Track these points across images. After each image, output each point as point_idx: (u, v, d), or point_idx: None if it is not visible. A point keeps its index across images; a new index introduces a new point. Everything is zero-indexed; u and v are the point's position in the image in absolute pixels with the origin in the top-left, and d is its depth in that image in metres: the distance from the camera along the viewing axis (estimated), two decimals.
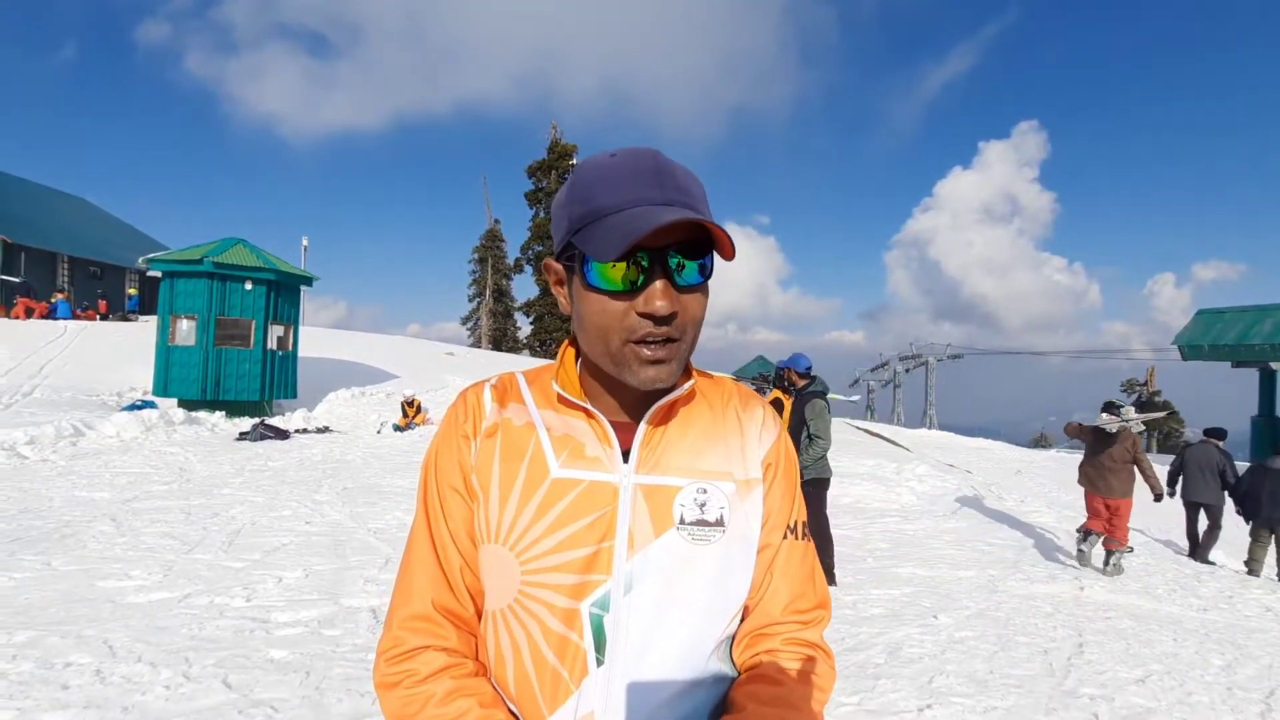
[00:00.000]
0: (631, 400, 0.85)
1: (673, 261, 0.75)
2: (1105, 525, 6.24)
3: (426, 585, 0.84)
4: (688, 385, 0.86)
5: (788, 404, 5.55)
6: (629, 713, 0.77)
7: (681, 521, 0.81)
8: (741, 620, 0.87)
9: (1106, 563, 6.12)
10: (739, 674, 0.86)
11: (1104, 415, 6.31)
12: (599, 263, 0.74)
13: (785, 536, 0.88)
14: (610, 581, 0.79)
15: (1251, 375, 22.77)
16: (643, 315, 0.75)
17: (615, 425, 0.84)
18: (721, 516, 0.83)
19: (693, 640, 0.80)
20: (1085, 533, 6.39)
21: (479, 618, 0.86)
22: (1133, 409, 6.44)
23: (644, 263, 0.74)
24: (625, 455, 0.82)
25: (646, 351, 0.76)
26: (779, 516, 0.88)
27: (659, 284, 0.74)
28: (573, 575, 0.79)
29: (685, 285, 0.76)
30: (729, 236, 0.74)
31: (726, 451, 0.86)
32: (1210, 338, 22.35)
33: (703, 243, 0.77)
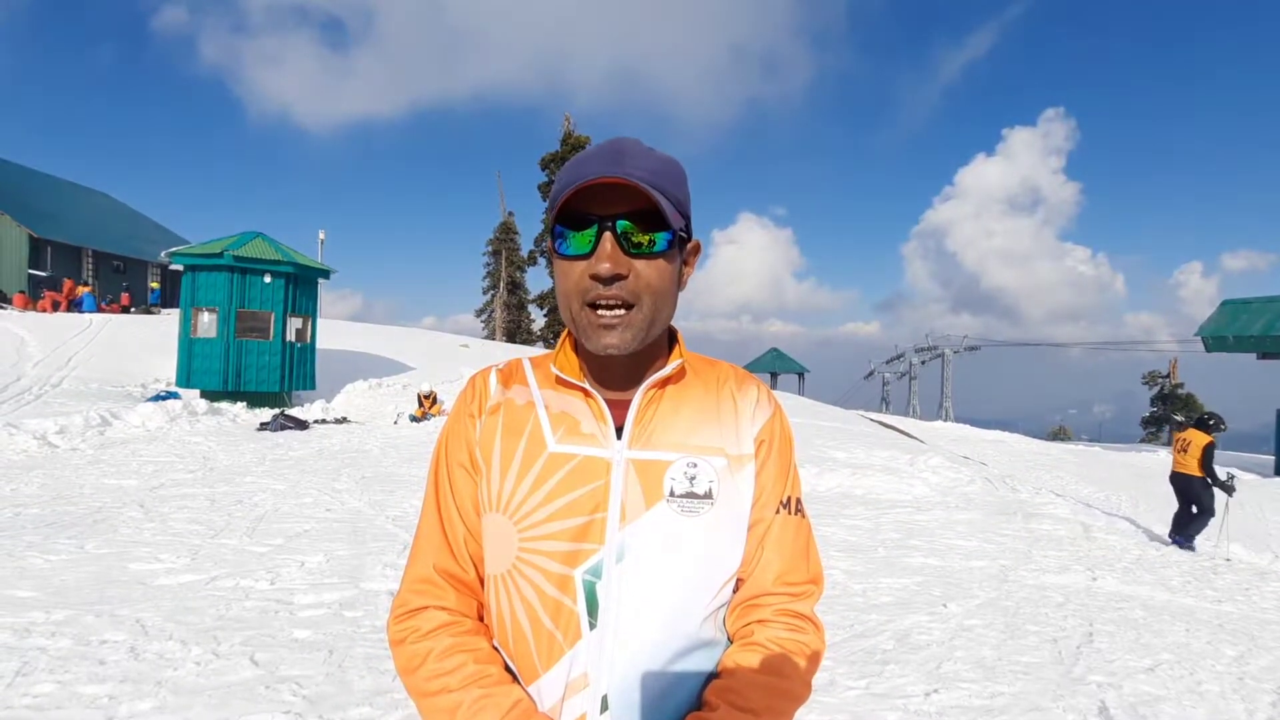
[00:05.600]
0: (626, 379, 0.91)
1: (620, 227, 0.81)
2: None
3: (430, 551, 0.91)
4: (676, 364, 0.91)
5: (1204, 440, 7.48)
6: (620, 674, 0.82)
7: (671, 494, 0.85)
8: (735, 591, 0.91)
9: None
10: (731, 642, 0.90)
11: None
12: (563, 229, 0.83)
13: (778, 511, 0.92)
14: (603, 550, 0.84)
15: (1278, 367, 22.33)
16: (593, 278, 0.81)
17: (610, 403, 0.89)
18: (711, 490, 0.87)
19: (683, 608, 0.85)
20: None
21: (482, 583, 0.92)
22: None
23: (596, 229, 0.81)
24: (619, 432, 0.87)
25: (598, 315, 0.82)
26: (772, 492, 0.92)
27: (605, 246, 0.80)
28: (566, 543, 0.84)
29: (643, 253, 0.82)
30: (666, 202, 0.81)
31: (719, 428, 0.90)
32: (1235, 328, 21.91)
33: (662, 216, 0.82)
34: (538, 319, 42.58)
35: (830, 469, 9.72)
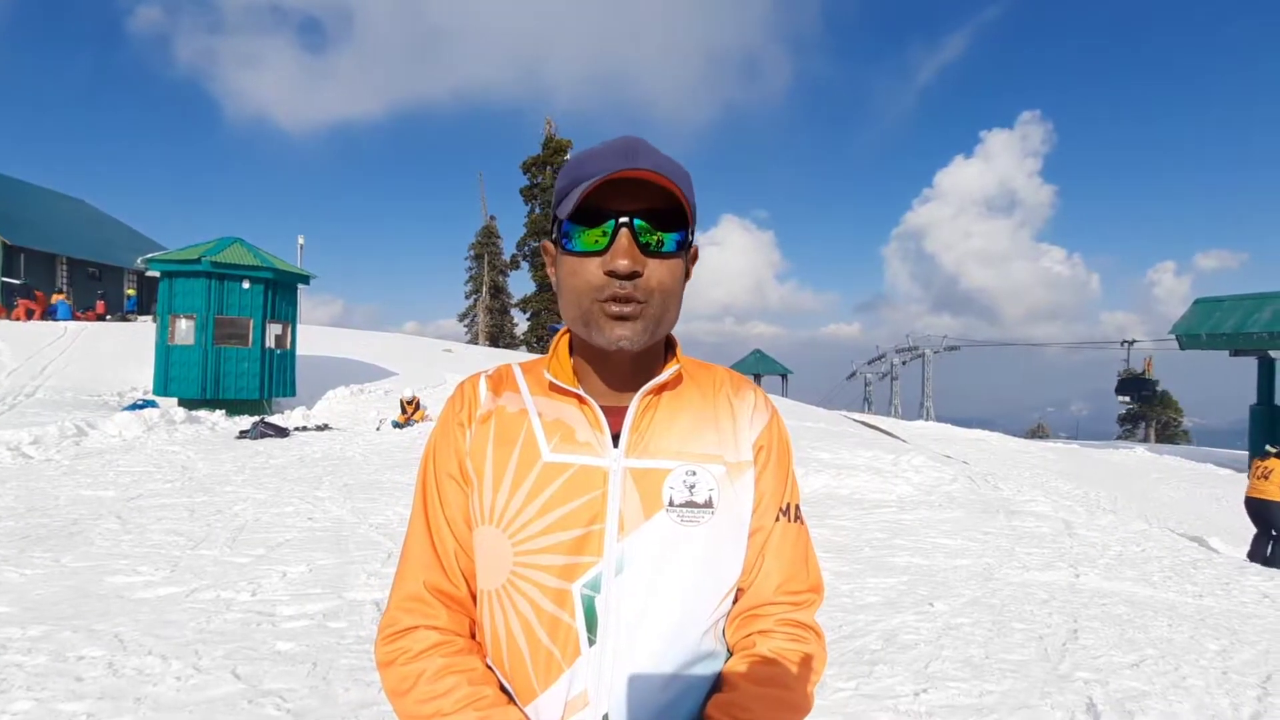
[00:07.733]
0: (621, 385, 0.88)
1: (637, 225, 0.80)
2: None
3: (420, 568, 0.88)
4: (674, 369, 0.88)
5: None
6: (621, 691, 0.79)
7: (670, 503, 0.83)
8: (735, 601, 0.89)
9: None
10: (731, 654, 0.88)
11: None
12: (573, 225, 0.81)
13: (778, 519, 0.90)
14: (601, 563, 0.81)
15: (1250, 364, 22.83)
16: (608, 274, 0.80)
17: (606, 410, 0.86)
18: (710, 498, 0.84)
19: (684, 620, 0.82)
20: None
21: (474, 599, 0.88)
22: None
23: (611, 226, 0.79)
24: (616, 440, 0.85)
25: (612, 308, 0.80)
26: (772, 499, 0.90)
27: (622, 242, 0.79)
28: (563, 556, 0.81)
29: (654, 251, 0.81)
30: (687, 201, 0.80)
31: (717, 434, 0.88)
32: (1208, 326, 22.37)
33: (677, 217, 0.81)
34: (520, 323, 42.44)
35: (815, 470, 9.77)
